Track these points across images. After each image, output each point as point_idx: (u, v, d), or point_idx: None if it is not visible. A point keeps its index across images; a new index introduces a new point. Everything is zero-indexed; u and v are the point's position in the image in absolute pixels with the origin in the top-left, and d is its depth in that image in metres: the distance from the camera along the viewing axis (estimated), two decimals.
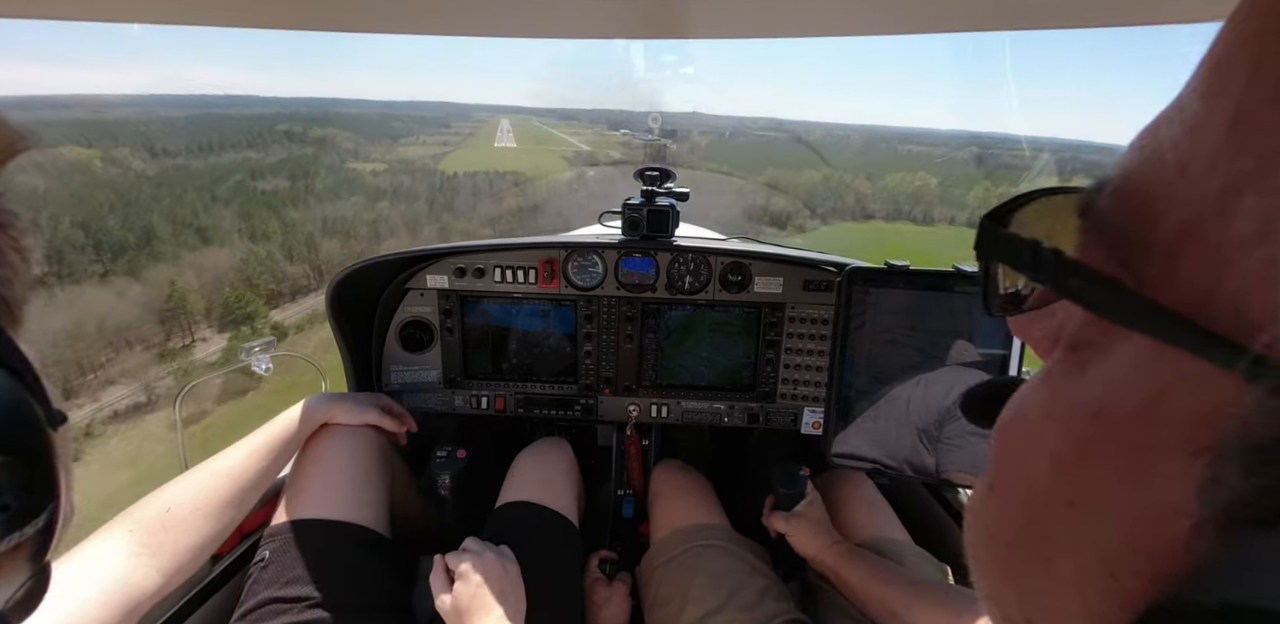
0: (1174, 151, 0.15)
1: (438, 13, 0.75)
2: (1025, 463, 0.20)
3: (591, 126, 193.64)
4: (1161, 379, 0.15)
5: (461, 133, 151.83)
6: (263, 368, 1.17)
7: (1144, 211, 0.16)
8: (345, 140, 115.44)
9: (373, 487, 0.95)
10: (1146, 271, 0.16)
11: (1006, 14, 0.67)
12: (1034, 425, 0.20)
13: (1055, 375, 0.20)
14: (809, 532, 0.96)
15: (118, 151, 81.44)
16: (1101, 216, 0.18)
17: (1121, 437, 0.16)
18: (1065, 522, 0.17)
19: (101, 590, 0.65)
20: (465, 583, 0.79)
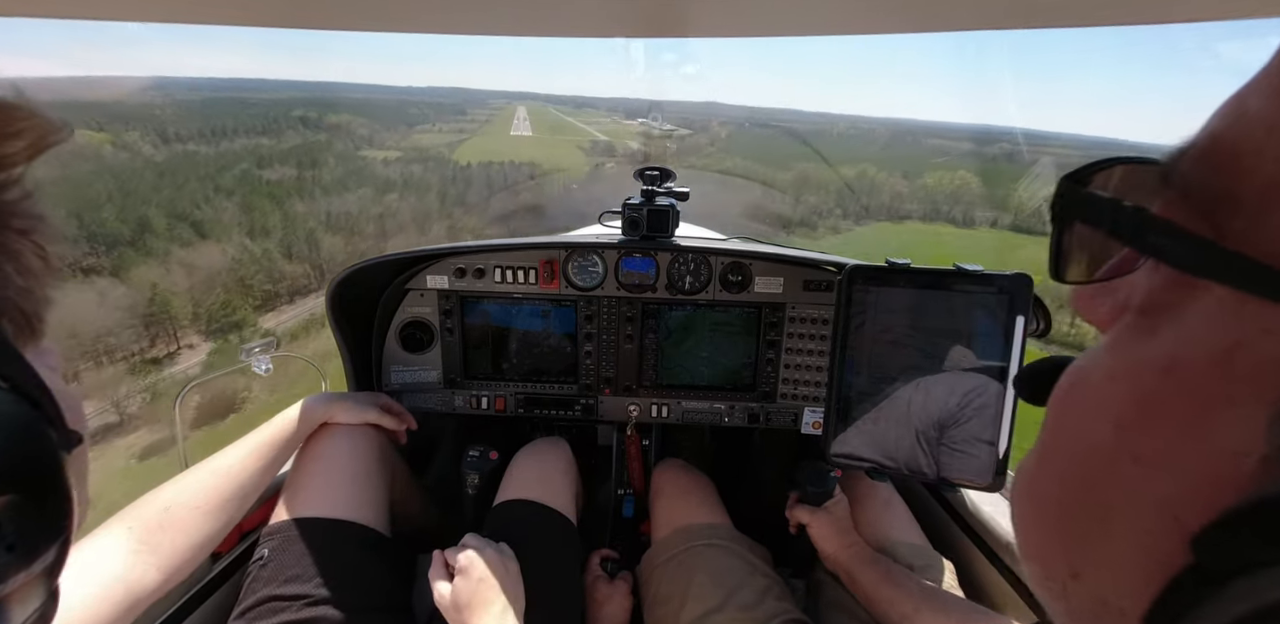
0: (1261, 113, 0.16)
1: (437, 11, 0.75)
2: (1085, 426, 0.20)
3: (608, 115, 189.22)
4: (1240, 331, 0.15)
5: (478, 120, 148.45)
6: (263, 368, 1.17)
7: (1231, 169, 0.16)
8: (360, 126, 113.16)
9: (372, 486, 0.95)
10: (1232, 226, 0.16)
11: (1009, 13, 0.67)
12: (1097, 388, 0.20)
13: (1122, 340, 0.20)
14: (832, 528, 0.96)
15: (128, 136, 77.43)
16: (1185, 178, 0.18)
17: (1193, 389, 0.16)
18: (1128, 478, 0.18)
19: (101, 588, 0.66)
20: (465, 578, 0.79)
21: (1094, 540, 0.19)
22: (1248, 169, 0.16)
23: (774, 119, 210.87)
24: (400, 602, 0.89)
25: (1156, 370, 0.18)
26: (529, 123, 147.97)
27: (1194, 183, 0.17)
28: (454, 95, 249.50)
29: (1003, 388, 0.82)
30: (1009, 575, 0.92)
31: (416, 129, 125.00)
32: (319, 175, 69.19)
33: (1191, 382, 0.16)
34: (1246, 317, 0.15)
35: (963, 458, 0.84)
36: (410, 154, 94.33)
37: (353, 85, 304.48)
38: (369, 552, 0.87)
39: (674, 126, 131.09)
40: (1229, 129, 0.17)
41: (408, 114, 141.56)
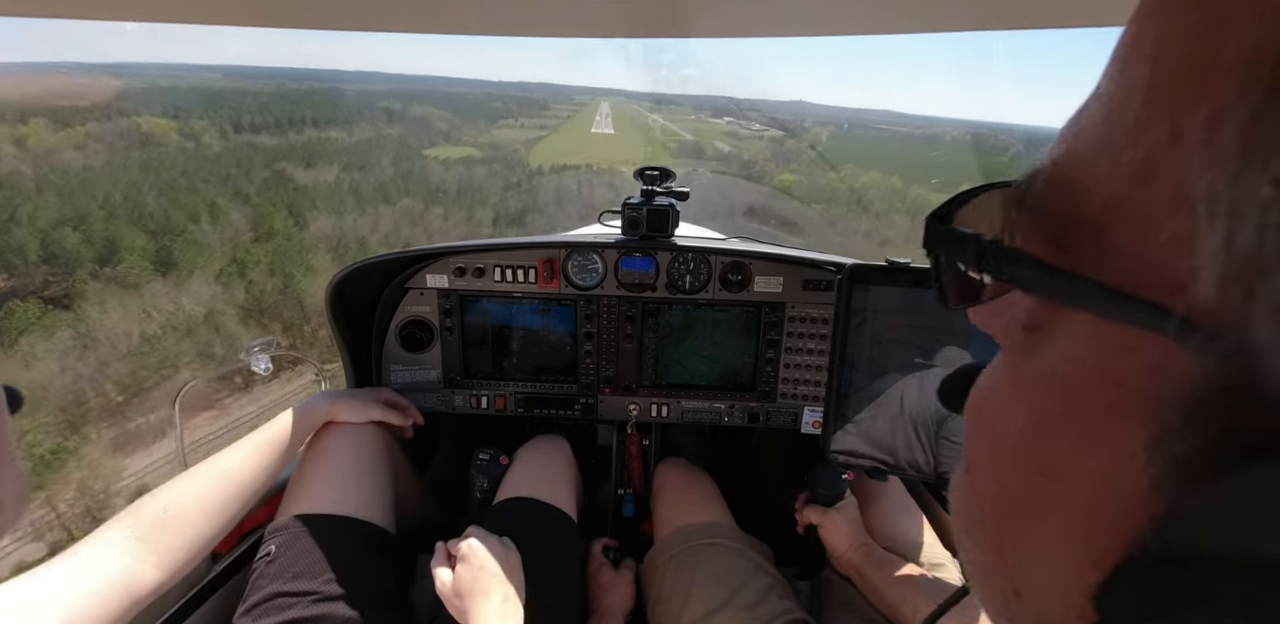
0: (1095, 133, 0.16)
1: (439, 11, 0.75)
2: (996, 437, 0.21)
3: (694, 113, 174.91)
4: (1105, 349, 0.16)
5: (560, 116, 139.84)
6: (262, 368, 1.16)
7: (1073, 193, 0.17)
8: (440, 120, 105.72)
9: (377, 483, 0.95)
10: (1081, 251, 0.16)
11: (1008, 13, 0.67)
12: (1001, 400, 0.21)
13: (1012, 356, 0.21)
14: (844, 529, 0.96)
15: (198, 124, 68.61)
16: (1036, 204, 0.18)
17: (1078, 405, 0.17)
18: (1039, 491, 0.18)
19: (100, 586, 0.66)
20: (466, 565, 0.79)
21: (1027, 559, 0.19)
22: (1087, 193, 0.16)
23: (873, 121, 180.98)
24: (404, 598, 0.89)
25: (1046, 387, 0.18)
26: (611, 120, 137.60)
27: (1043, 208, 0.18)
28: (542, 90, 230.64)
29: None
30: None
31: (498, 124, 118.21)
32: (359, 180, 56.52)
33: (1075, 398, 0.17)
34: (1111, 337, 0.16)
35: (959, 449, 0.85)
36: (485, 151, 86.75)
37: (446, 78, 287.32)
38: (374, 549, 0.88)
39: (764, 126, 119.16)
40: (1068, 153, 0.17)
41: (491, 108, 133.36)
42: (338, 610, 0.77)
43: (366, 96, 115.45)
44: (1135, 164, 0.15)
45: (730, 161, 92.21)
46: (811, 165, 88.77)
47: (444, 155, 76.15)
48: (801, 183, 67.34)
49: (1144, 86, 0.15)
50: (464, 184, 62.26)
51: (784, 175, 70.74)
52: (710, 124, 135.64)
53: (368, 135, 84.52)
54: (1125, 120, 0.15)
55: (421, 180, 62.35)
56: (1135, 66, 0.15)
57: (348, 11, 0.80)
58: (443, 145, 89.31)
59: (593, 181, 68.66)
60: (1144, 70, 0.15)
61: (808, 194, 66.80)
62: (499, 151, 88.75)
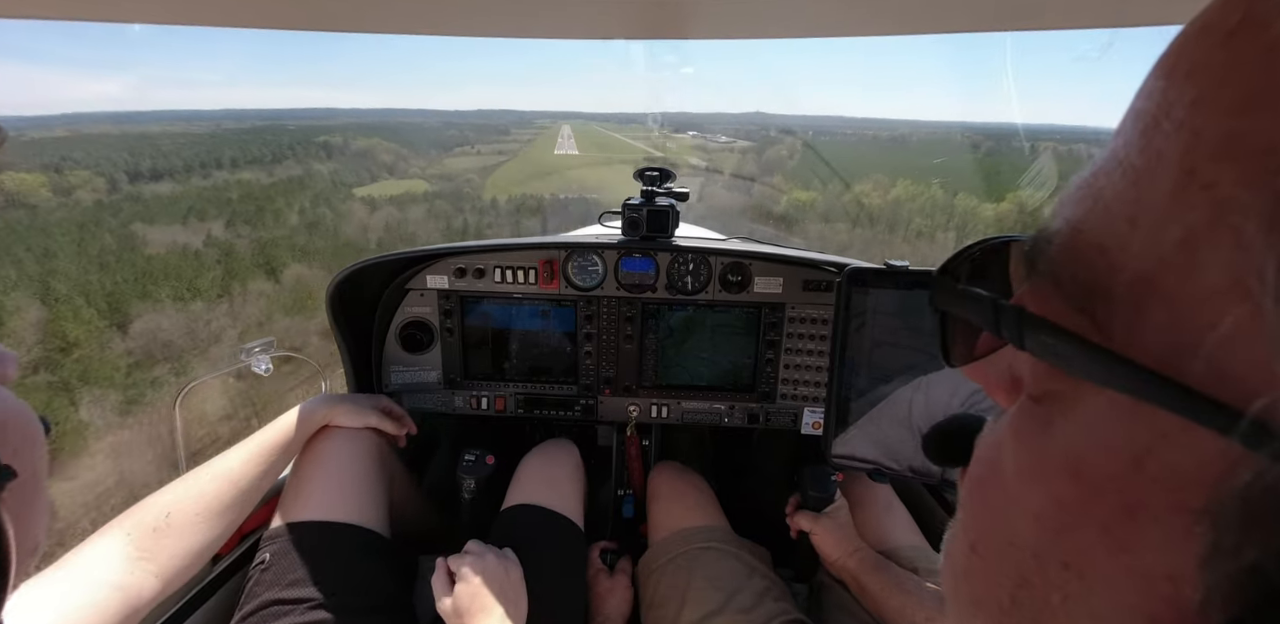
0: (1119, 204, 0.15)
1: (435, 13, 0.75)
2: (1009, 523, 0.19)
3: (657, 129, 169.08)
4: (1142, 437, 0.14)
5: (520, 140, 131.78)
6: (262, 368, 1.17)
7: (1099, 263, 0.16)
8: (386, 153, 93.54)
9: (372, 489, 0.95)
10: (1111, 324, 0.15)
11: (1007, 14, 0.67)
12: (1011, 483, 0.19)
13: (1022, 429, 0.19)
14: (835, 534, 0.96)
15: (76, 176, 54.23)
16: (1056, 269, 0.17)
17: (1107, 498, 0.15)
18: (1062, 584, 0.16)
19: (98, 594, 0.65)
20: (466, 584, 0.79)
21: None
22: (1115, 265, 0.15)
23: (832, 127, 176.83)
24: (401, 604, 0.89)
25: (1065, 474, 0.17)
26: (574, 141, 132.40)
27: (1064, 275, 0.17)
28: (500, 117, 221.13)
29: None
30: None
31: (453, 152, 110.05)
32: (243, 239, 37.05)
33: (1103, 489, 0.15)
34: (1144, 421, 0.14)
35: None
36: (435, 183, 75.18)
37: (400, 111, 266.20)
38: (370, 555, 0.87)
39: (730, 138, 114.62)
40: (1088, 219, 0.16)
41: (445, 137, 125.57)
42: (333, 617, 0.77)
43: (309, 132, 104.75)
44: (1173, 242, 0.13)
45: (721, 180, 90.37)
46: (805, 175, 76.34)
47: (379, 193, 62.80)
48: (819, 201, 57.43)
49: (1178, 158, 0.14)
50: (391, 231, 44.78)
51: (797, 193, 60.36)
52: (675, 139, 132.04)
53: (293, 174, 71.49)
54: (1157, 192, 0.14)
55: (333, 232, 44.49)
56: (1166, 135, 0.14)
57: (348, 12, 0.80)
58: (385, 180, 78.33)
59: (564, 211, 52.63)
60: (1178, 141, 0.14)
61: (830, 211, 55.67)
62: (450, 183, 77.60)
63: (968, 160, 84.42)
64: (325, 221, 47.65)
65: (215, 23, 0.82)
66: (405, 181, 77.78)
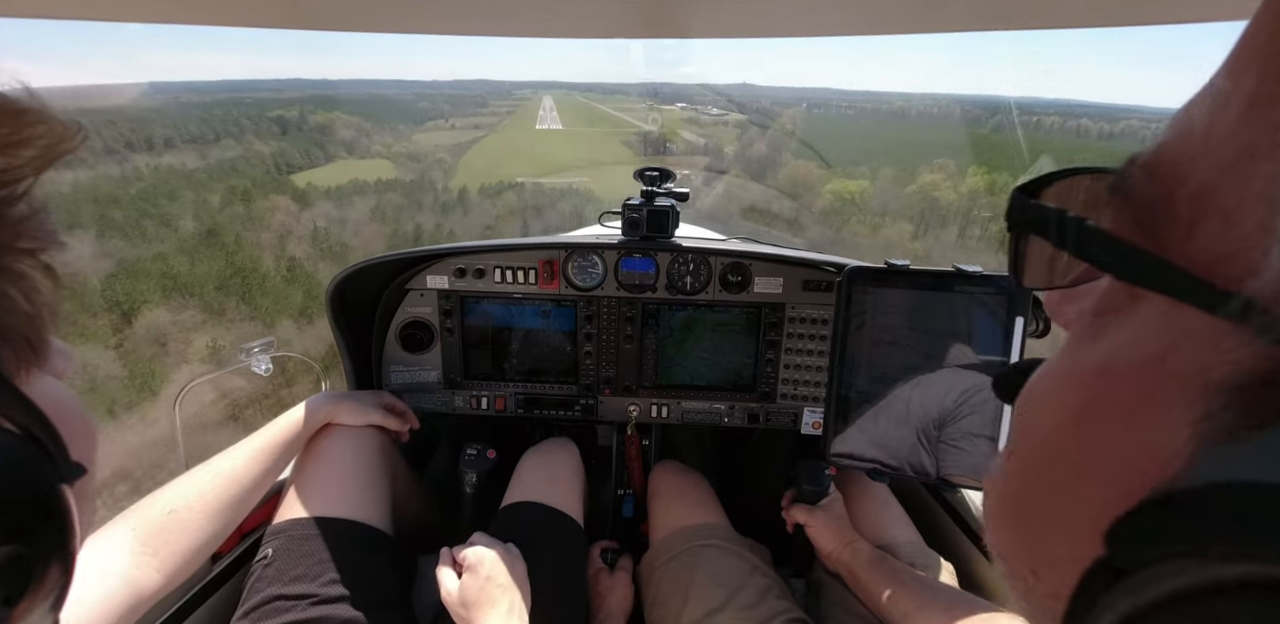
0: (1201, 124, 0.17)
1: (438, 12, 0.75)
2: (1040, 422, 0.21)
3: (642, 101, 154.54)
4: (1170, 335, 0.16)
5: (498, 113, 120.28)
6: (262, 368, 1.17)
7: (1169, 178, 0.17)
8: (347, 128, 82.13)
9: (375, 485, 0.95)
10: (1168, 235, 0.17)
11: (1006, 14, 0.67)
12: (1049, 386, 0.22)
13: (1074, 341, 0.21)
14: (830, 527, 0.96)
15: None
16: (1130, 187, 0.18)
17: (1124, 390, 0.17)
18: (1073, 474, 0.19)
19: (103, 589, 0.66)
20: (473, 575, 0.79)
21: (1045, 539, 0.20)
22: (1183, 177, 0.16)
23: (826, 99, 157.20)
24: (403, 600, 0.89)
25: (1095, 371, 0.19)
26: (556, 114, 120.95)
27: (1137, 191, 0.18)
28: (477, 87, 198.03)
29: None
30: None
31: (424, 126, 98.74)
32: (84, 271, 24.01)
33: (1123, 382, 0.17)
34: (1177, 322, 0.16)
35: (960, 454, 0.84)
36: (400, 163, 65.08)
37: (368, 81, 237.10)
38: (373, 551, 0.88)
39: (721, 111, 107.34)
40: (1172, 140, 0.18)
41: (416, 110, 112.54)
42: (336, 613, 0.77)
43: (266, 106, 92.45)
44: (1232, 158, 0.15)
45: (719, 157, 72.98)
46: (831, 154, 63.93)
47: (324, 180, 51.19)
48: (868, 192, 47.29)
49: (1256, 80, 0.15)
50: (316, 242, 32.24)
51: (838, 182, 48.21)
52: (664, 112, 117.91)
53: (228, 156, 60.96)
54: (1232, 111, 0.15)
55: (234, 245, 31.07)
56: (1248, 61, 0.15)
57: (348, 12, 0.80)
58: (341, 160, 67.53)
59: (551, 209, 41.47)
60: (1260, 64, 0.15)
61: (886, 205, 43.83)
62: (417, 164, 66.57)
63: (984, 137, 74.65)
64: (229, 229, 33.32)
65: (215, 22, 0.82)
66: (365, 162, 66.20)
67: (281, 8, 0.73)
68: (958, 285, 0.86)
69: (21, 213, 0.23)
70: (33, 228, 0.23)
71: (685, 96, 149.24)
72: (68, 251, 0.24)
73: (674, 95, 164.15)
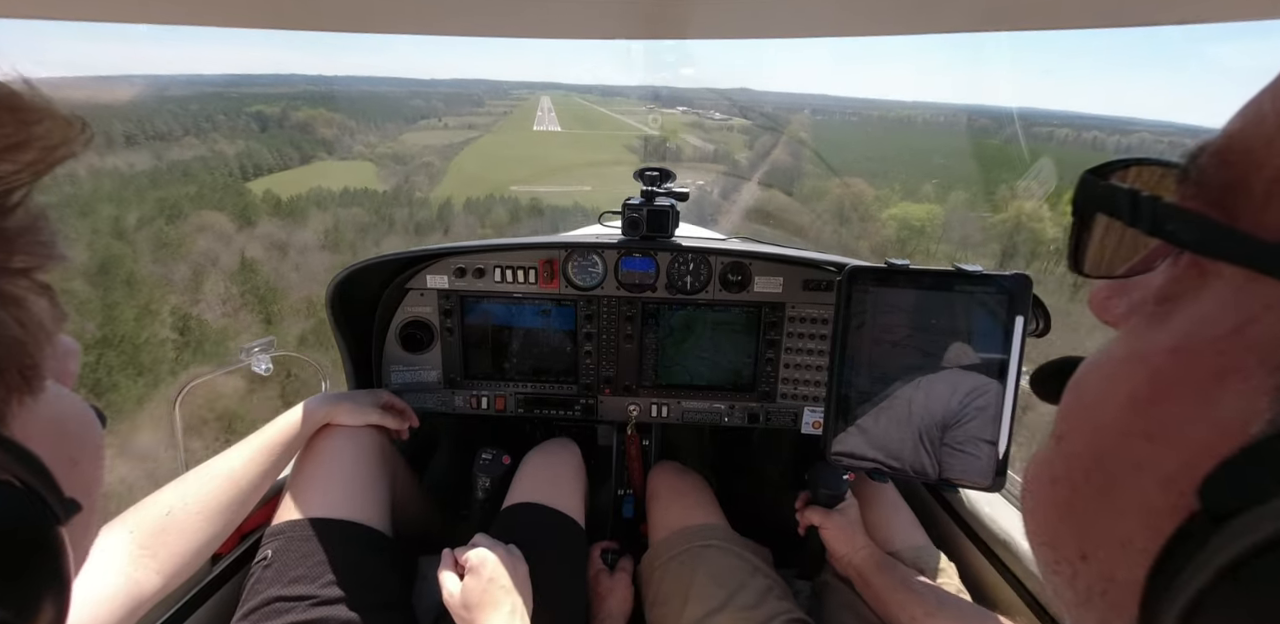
0: (1275, 113, 0.17)
1: (438, 12, 0.75)
2: (1099, 406, 0.21)
3: (642, 103, 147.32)
4: (1249, 308, 0.17)
5: (494, 112, 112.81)
6: (263, 368, 1.17)
7: (1244, 162, 0.17)
8: (329, 126, 73.33)
9: (375, 486, 0.95)
10: (1242, 213, 0.17)
11: (1006, 14, 0.67)
12: (1111, 370, 0.21)
13: (1137, 329, 0.21)
14: (845, 530, 0.96)
15: None
16: (1201, 172, 0.19)
17: (1201, 364, 0.17)
18: (1137, 455, 0.19)
19: (102, 591, 0.65)
20: (475, 577, 0.79)
21: (1103, 519, 0.20)
22: (1259, 162, 0.17)
23: (826, 106, 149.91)
24: (403, 602, 0.89)
25: (1166, 351, 0.19)
26: (554, 115, 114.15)
27: (1209, 176, 0.18)
28: (476, 86, 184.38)
29: (1003, 388, 0.82)
30: (1009, 576, 0.93)
31: (416, 125, 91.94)
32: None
33: (1200, 358, 0.18)
34: (1254, 294, 0.16)
35: (964, 458, 0.84)
36: (384, 166, 58.43)
37: (365, 78, 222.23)
38: (372, 552, 0.88)
39: (725, 115, 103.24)
40: (1245, 127, 0.18)
41: (409, 107, 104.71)
42: (336, 614, 0.77)
43: (248, 101, 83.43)
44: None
45: (734, 165, 66.33)
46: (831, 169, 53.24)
47: (287, 186, 42.36)
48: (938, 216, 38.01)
49: None
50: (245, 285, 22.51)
51: (902, 206, 39.05)
52: (666, 115, 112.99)
53: (186, 157, 52.61)
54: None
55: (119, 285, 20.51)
56: None
57: (348, 12, 0.80)
58: (319, 161, 59.91)
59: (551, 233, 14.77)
60: None
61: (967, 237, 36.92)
62: (402, 166, 59.55)
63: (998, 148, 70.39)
64: (127, 262, 22.67)
65: (216, 22, 0.82)
66: (344, 164, 59.68)
67: (280, 7, 0.73)
68: (958, 285, 0.86)
69: (16, 226, 0.21)
70: (28, 243, 0.21)
71: (686, 100, 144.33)
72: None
73: (674, 99, 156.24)
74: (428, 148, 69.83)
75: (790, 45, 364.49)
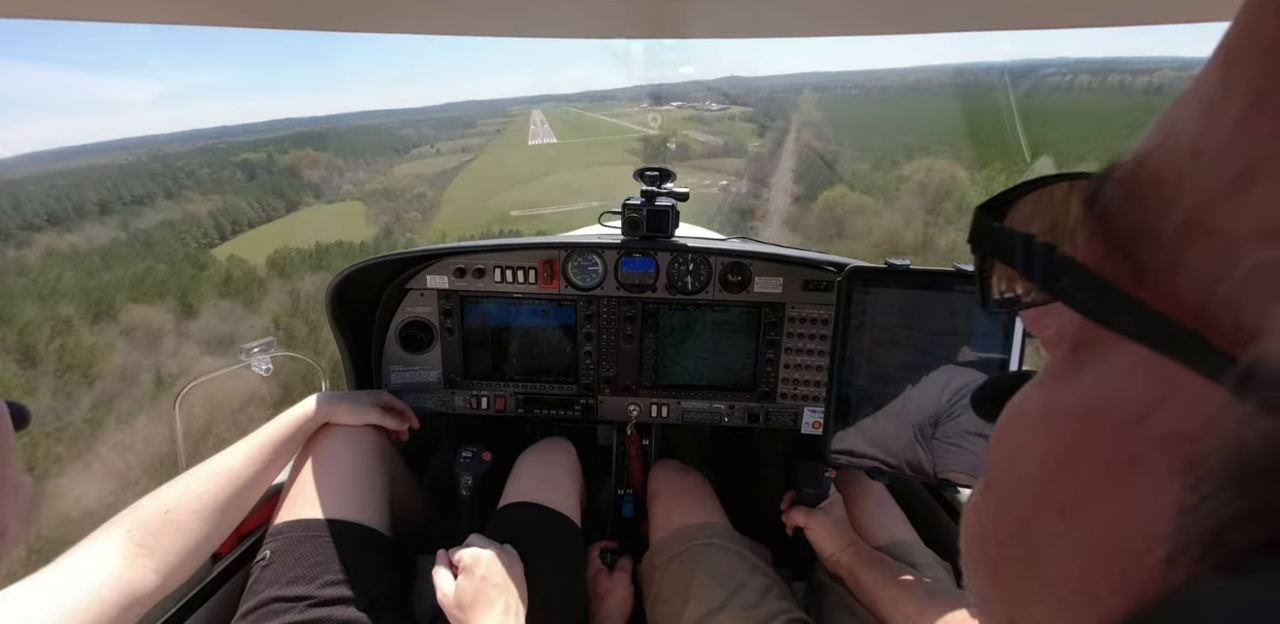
0: (1188, 136, 0.14)
1: (438, 11, 0.75)
2: (1020, 463, 0.19)
3: (634, 104, 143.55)
4: (1154, 388, 0.14)
5: (487, 131, 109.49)
6: (263, 368, 1.17)
7: (1151, 199, 0.15)
8: (313, 167, 70.97)
9: (373, 486, 0.95)
10: (1150, 266, 0.14)
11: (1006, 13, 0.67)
12: (1029, 424, 0.19)
13: (1054, 375, 0.19)
14: (830, 529, 0.96)
15: None
16: (1106, 205, 0.16)
17: (1108, 445, 0.15)
18: (1053, 529, 0.17)
19: (99, 591, 0.65)
20: (469, 577, 0.79)
21: (1026, 591, 0.18)
22: (1168, 200, 0.14)
23: (826, 83, 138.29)
24: (402, 601, 0.89)
25: (1076, 417, 0.17)
26: (548, 127, 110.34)
27: (1114, 212, 0.16)
28: (466, 108, 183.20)
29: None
30: None
31: (409, 155, 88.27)
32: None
33: (1107, 436, 0.15)
34: (1158, 373, 0.14)
35: (958, 452, 0.84)
36: (371, 203, 56.09)
37: (356, 113, 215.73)
38: (371, 552, 0.88)
39: (721, 105, 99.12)
40: (1155, 151, 0.15)
41: (399, 138, 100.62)
42: (335, 614, 0.77)
43: (230, 151, 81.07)
44: (1231, 175, 0.13)
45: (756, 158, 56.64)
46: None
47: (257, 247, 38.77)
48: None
49: (1249, 84, 0.13)
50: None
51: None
52: (662, 113, 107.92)
53: (155, 221, 50.01)
54: (1224, 122, 0.13)
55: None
56: (1246, 58, 0.13)
57: (348, 12, 0.80)
58: (306, 207, 57.36)
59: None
60: (1252, 65, 0.13)
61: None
62: (391, 202, 56.92)
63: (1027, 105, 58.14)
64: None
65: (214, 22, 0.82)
66: (332, 207, 56.15)
67: (281, 6, 0.72)
68: (958, 285, 0.86)
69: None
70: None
71: (678, 95, 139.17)
72: None
73: (666, 96, 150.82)
74: (420, 178, 66.00)
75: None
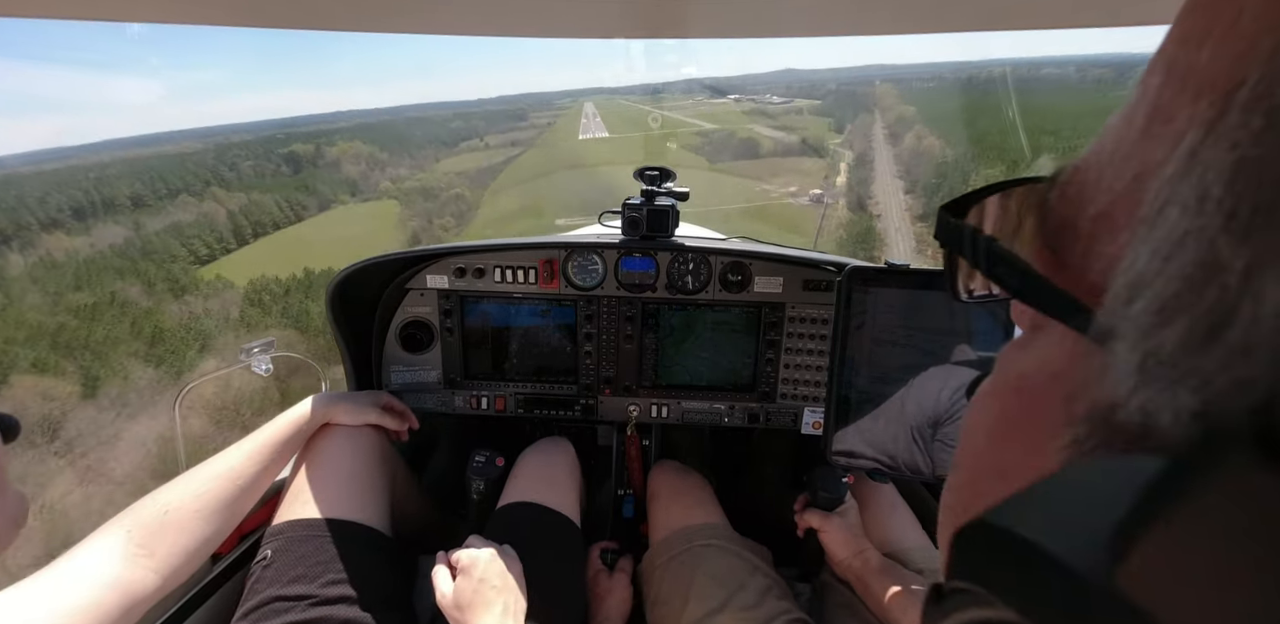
0: (1110, 139, 0.16)
1: (439, 11, 0.75)
2: (971, 437, 0.21)
3: (690, 97, 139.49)
4: (1067, 357, 0.16)
5: (537, 125, 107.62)
6: (263, 369, 1.16)
7: (1079, 198, 0.17)
8: (357, 161, 69.11)
9: (374, 486, 0.95)
10: (1069, 254, 0.16)
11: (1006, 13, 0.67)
12: (980, 402, 0.21)
13: (1005, 355, 0.21)
14: (844, 534, 0.96)
15: None
16: (1048, 205, 0.18)
17: (1033, 410, 0.17)
18: (998, 494, 0.17)
19: (98, 592, 0.65)
20: (467, 578, 0.79)
21: None
22: (1088, 198, 0.16)
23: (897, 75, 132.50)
24: (402, 601, 0.89)
25: (1012, 390, 0.19)
26: (600, 120, 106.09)
27: (1052, 211, 0.18)
28: (520, 101, 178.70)
29: None
30: None
31: (457, 148, 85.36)
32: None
33: (1032, 403, 0.17)
34: (1071, 345, 0.16)
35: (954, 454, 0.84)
36: (406, 202, 52.72)
37: (411, 106, 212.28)
38: (371, 552, 0.87)
39: (783, 98, 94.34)
40: (1089, 157, 0.17)
41: (448, 130, 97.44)
42: (335, 613, 0.77)
43: (280, 142, 78.54)
44: (1131, 176, 0.14)
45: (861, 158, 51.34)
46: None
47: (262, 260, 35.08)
48: None
49: (1154, 93, 0.14)
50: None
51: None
52: (717, 106, 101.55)
53: (169, 223, 46.56)
54: (1134, 127, 0.15)
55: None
56: (1153, 70, 0.14)
57: (348, 12, 0.80)
58: (340, 205, 54.24)
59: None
60: (1157, 75, 0.14)
61: None
62: (428, 202, 53.76)
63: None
64: None
65: (215, 22, 0.82)
66: (366, 205, 52.88)
67: (283, 8, 0.73)
68: None
69: None
70: None
71: (735, 88, 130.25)
72: None
73: (722, 89, 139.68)
74: (460, 176, 62.11)
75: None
